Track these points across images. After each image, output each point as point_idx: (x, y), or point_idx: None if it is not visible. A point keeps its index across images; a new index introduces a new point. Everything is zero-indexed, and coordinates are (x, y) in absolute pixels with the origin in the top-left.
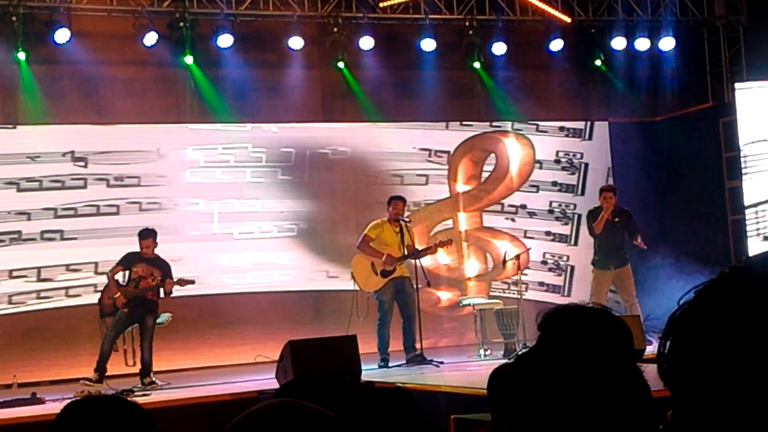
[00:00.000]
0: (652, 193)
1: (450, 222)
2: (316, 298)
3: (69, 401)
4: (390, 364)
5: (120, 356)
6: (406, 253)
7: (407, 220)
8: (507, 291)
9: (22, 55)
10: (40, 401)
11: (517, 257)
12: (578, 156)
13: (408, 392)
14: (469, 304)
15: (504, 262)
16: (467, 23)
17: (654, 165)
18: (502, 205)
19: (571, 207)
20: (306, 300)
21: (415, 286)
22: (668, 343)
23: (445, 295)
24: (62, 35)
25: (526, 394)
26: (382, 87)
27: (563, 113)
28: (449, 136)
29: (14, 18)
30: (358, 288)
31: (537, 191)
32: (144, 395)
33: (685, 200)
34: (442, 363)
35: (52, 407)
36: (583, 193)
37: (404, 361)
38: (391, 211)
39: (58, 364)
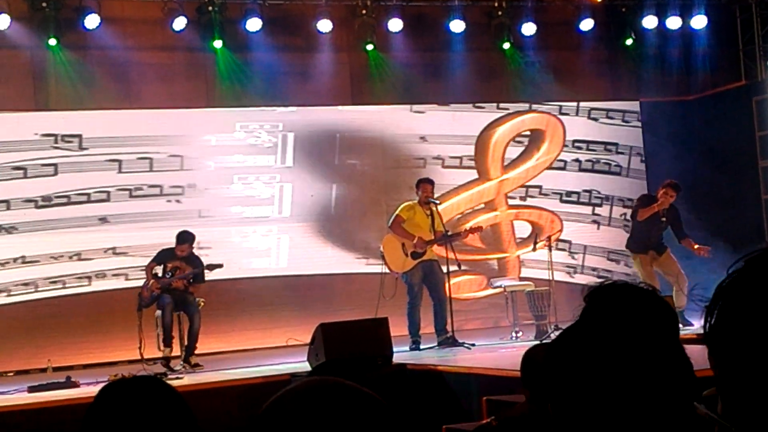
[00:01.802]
0: (685, 172)
1: (482, 204)
2: (346, 280)
3: (105, 384)
4: (421, 347)
5: (153, 341)
6: (435, 236)
7: (437, 201)
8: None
9: (52, 41)
10: (75, 385)
11: (548, 238)
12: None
13: (440, 374)
14: (501, 286)
15: (535, 243)
16: (496, 4)
17: (686, 144)
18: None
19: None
20: (336, 283)
21: (445, 269)
22: (716, 310)
23: (474, 279)
24: (92, 21)
25: (570, 367)
26: (411, 69)
27: (594, 93)
28: (479, 118)
29: (45, 4)
30: (387, 268)
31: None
32: (177, 378)
33: (718, 179)
34: (473, 345)
35: (87, 391)
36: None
37: (436, 344)
38: (420, 193)
39: (92, 348)
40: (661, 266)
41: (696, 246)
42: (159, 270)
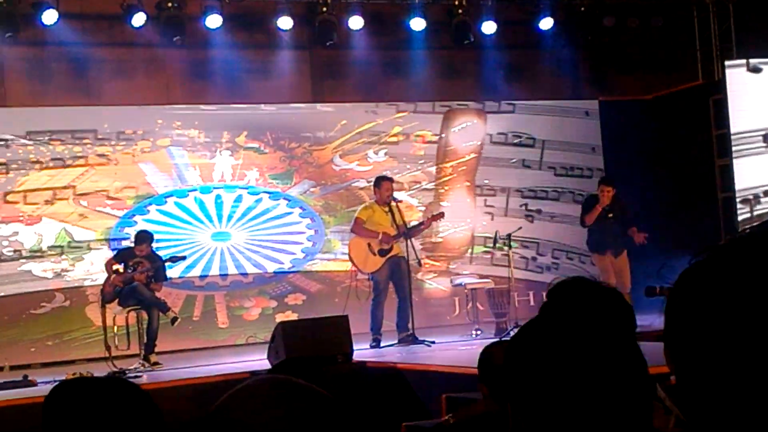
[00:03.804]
0: (642, 171)
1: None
2: (308, 278)
3: (58, 383)
4: (382, 344)
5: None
6: (398, 230)
7: (398, 200)
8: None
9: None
10: (32, 384)
11: (508, 237)
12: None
13: (400, 372)
14: (461, 284)
15: (495, 241)
16: (457, 2)
17: (644, 143)
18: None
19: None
20: (298, 280)
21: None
22: (674, 304)
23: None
24: (50, 16)
25: (527, 364)
26: (372, 67)
27: (553, 92)
28: (438, 116)
29: None
30: (356, 269)
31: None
32: (136, 377)
33: (675, 178)
34: (433, 343)
35: (44, 389)
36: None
37: (396, 341)
38: (380, 191)
39: (49, 347)
40: (614, 266)
41: (637, 233)
42: (120, 268)
